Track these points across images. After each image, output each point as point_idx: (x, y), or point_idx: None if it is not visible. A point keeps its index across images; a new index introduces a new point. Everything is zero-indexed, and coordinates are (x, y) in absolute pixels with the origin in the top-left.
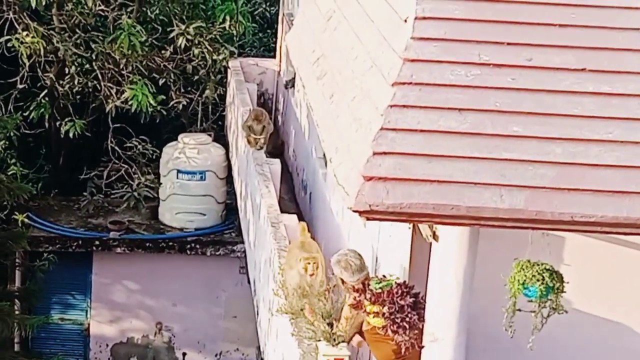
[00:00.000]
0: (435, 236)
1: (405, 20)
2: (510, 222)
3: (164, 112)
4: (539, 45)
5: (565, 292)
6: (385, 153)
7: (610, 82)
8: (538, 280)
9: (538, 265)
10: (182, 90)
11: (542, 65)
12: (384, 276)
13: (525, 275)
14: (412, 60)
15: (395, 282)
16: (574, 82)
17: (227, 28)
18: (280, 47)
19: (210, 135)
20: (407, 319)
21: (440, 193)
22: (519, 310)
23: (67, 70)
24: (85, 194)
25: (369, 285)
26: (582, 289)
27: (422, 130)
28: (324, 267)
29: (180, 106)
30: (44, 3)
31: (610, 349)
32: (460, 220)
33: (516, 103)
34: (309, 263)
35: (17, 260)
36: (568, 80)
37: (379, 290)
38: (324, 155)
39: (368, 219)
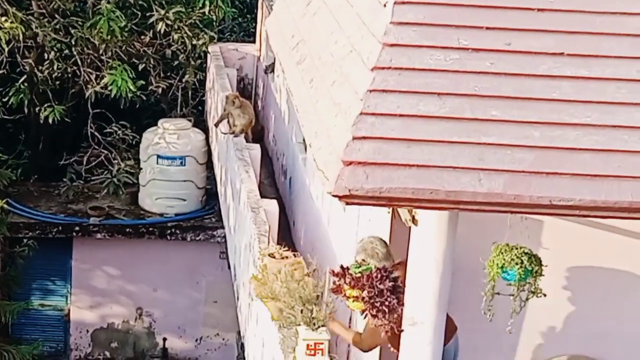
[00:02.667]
0: (414, 220)
1: (385, 5)
2: (489, 206)
3: (144, 98)
4: (517, 29)
5: (543, 275)
6: (364, 138)
7: (589, 66)
8: (517, 263)
9: (517, 248)
10: (162, 75)
11: (521, 50)
12: (363, 260)
13: (504, 259)
14: (392, 45)
15: (375, 266)
16: (552, 66)
17: (206, 13)
18: (260, 32)
19: (190, 120)
20: (387, 303)
21: (420, 177)
22: (498, 293)
23: (46, 55)
24: (65, 179)
25: (348, 269)
26: (560, 272)
27: (401, 115)
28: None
29: (160, 91)
30: None
31: (588, 332)
32: (439, 205)
33: (495, 87)
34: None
35: None
36: (546, 64)
37: (359, 275)
38: (304, 140)
39: (347, 203)
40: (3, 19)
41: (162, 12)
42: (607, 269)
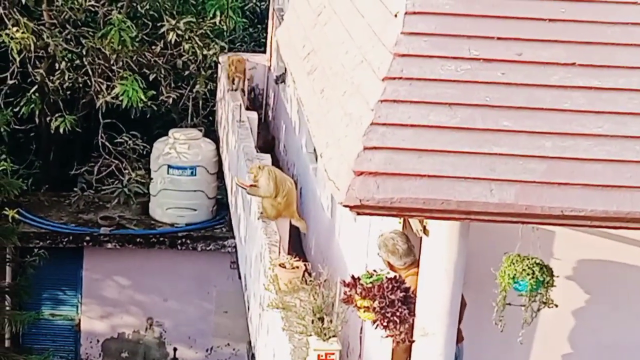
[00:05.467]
0: (425, 230)
1: (396, 15)
2: (500, 217)
3: (155, 108)
4: (528, 39)
5: (555, 285)
6: (375, 148)
7: (600, 77)
8: (528, 274)
9: (528, 259)
10: (173, 85)
11: (532, 60)
12: (374, 270)
13: (516, 270)
14: (403, 55)
15: (386, 277)
16: (563, 76)
17: (217, 23)
18: (271, 43)
19: (200, 130)
20: (398, 314)
21: (431, 188)
22: (509, 304)
23: (57, 65)
24: (75, 189)
25: (359, 279)
26: (571, 283)
27: (412, 125)
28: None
29: (171, 101)
30: None
31: (600, 343)
32: (450, 215)
33: (506, 97)
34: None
35: (7, 256)
36: (558, 74)
37: (370, 285)
38: (315, 150)
39: (359, 213)
40: (14, 29)
41: (173, 22)
42: (619, 279)
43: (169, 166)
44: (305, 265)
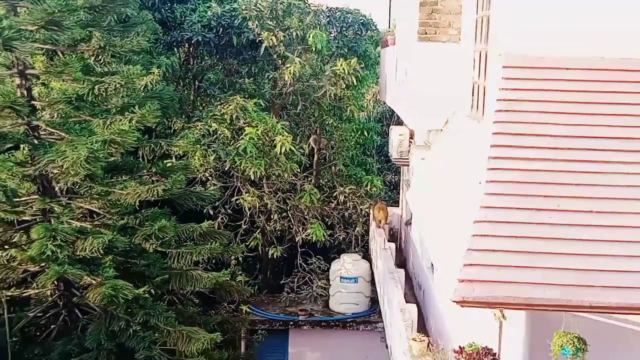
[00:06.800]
0: (504, 316)
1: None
2: (550, 308)
3: (331, 241)
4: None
5: (588, 351)
6: (471, 265)
7: (617, 219)
8: (571, 343)
9: (570, 334)
10: (342, 227)
11: (568, 209)
12: (473, 342)
13: (562, 341)
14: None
15: (481, 347)
16: (585, 219)
17: (368, 190)
18: (401, 199)
19: (360, 254)
20: None
21: (507, 290)
22: None
23: (272, 216)
24: (283, 292)
25: (464, 348)
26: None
27: (495, 250)
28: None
29: (341, 237)
30: (258, 176)
31: None
32: (519, 307)
33: (554, 233)
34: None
35: (242, 335)
36: (581, 217)
37: (471, 351)
38: (432, 265)
39: (462, 306)
40: (246, 194)
41: (342, 189)
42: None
43: (341, 277)
44: (428, 339)
